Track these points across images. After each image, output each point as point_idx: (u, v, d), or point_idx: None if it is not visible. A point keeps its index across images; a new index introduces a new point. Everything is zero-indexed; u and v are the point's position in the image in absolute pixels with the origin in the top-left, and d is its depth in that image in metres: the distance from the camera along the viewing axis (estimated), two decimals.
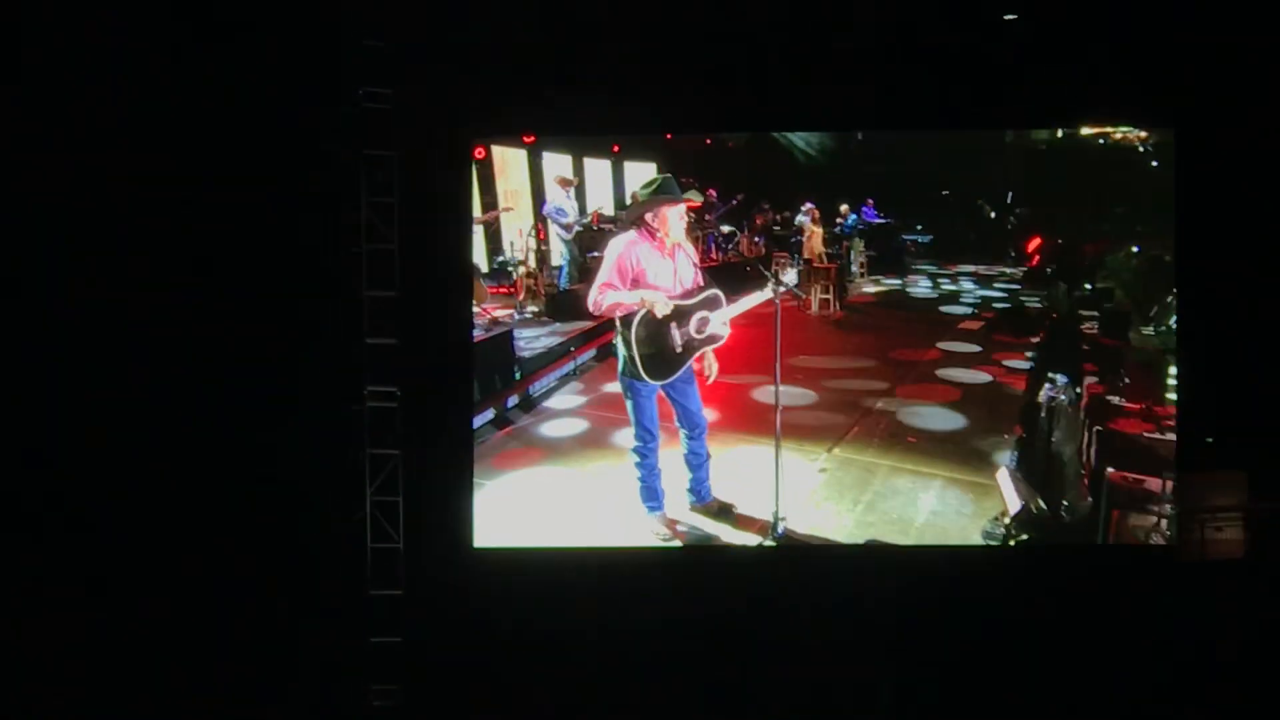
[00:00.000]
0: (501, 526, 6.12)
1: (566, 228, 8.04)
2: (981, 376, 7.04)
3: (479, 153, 6.91)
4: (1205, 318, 5.34)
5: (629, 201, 7.85)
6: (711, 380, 5.69)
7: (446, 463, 5.76)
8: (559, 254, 8.17)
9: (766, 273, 5.62)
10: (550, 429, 6.88)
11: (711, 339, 5.63)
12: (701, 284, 5.65)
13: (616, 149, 8.11)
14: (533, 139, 7.42)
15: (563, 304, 7.95)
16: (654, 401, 5.62)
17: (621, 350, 5.48)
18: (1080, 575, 5.39)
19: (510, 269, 7.86)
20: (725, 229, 5.81)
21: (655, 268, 5.51)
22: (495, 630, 5.47)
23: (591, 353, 7.53)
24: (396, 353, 5.60)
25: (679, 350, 5.50)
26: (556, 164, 8.03)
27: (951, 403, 6.86)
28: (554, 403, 7.16)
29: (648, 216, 5.51)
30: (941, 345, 7.38)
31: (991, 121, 6.04)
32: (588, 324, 7.37)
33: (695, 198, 5.73)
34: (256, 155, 5.37)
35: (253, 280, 5.41)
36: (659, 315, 5.38)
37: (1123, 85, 5.37)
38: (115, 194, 5.29)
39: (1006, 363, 7.02)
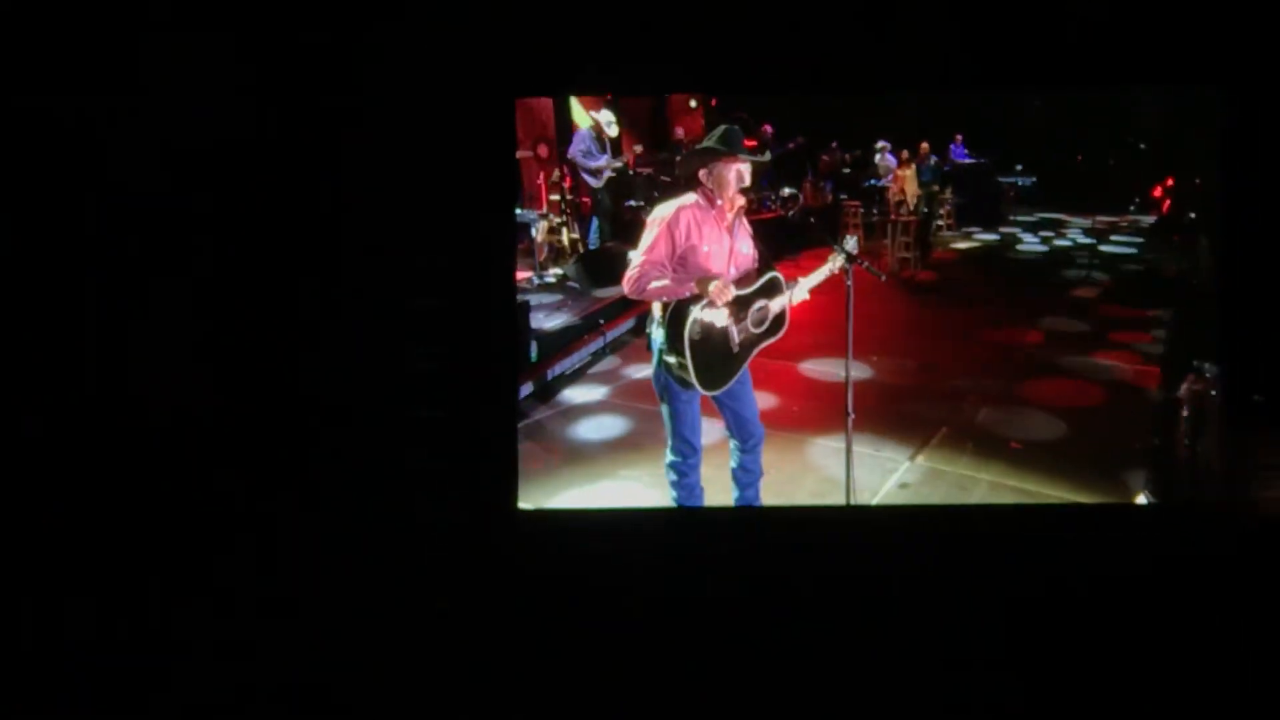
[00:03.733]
0: None
1: (596, 173, 7.03)
2: (1101, 363, 5.88)
3: None
4: (1253, 276, 4.94)
5: (671, 139, 7.07)
6: None
7: (490, 423, 5.27)
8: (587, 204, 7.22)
9: (833, 241, 4.58)
10: (575, 425, 5.95)
11: (770, 332, 4.65)
12: (759, 265, 4.65)
13: None
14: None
15: (592, 266, 6.91)
16: (697, 406, 4.64)
17: (665, 352, 4.50)
18: None
19: (530, 223, 6.79)
20: (785, 191, 4.73)
21: (710, 243, 4.50)
22: (539, 591, 5.06)
23: (627, 325, 6.52)
24: (440, 315, 5.17)
25: (736, 349, 4.54)
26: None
27: (1066, 397, 5.79)
28: (579, 391, 6.19)
29: (702, 174, 4.49)
30: (1049, 318, 6.18)
31: (1024, 81, 5.40)
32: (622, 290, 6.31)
33: (763, 155, 4.76)
34: (293, 117, 5.12)
35: (292, 247, 5.16)
36: (718, 307, 4.41)
37: (1168, 40, 4.93)
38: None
39: (1133, 344, 5.84)
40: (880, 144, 6.64)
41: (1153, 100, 6.02)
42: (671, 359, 4.47)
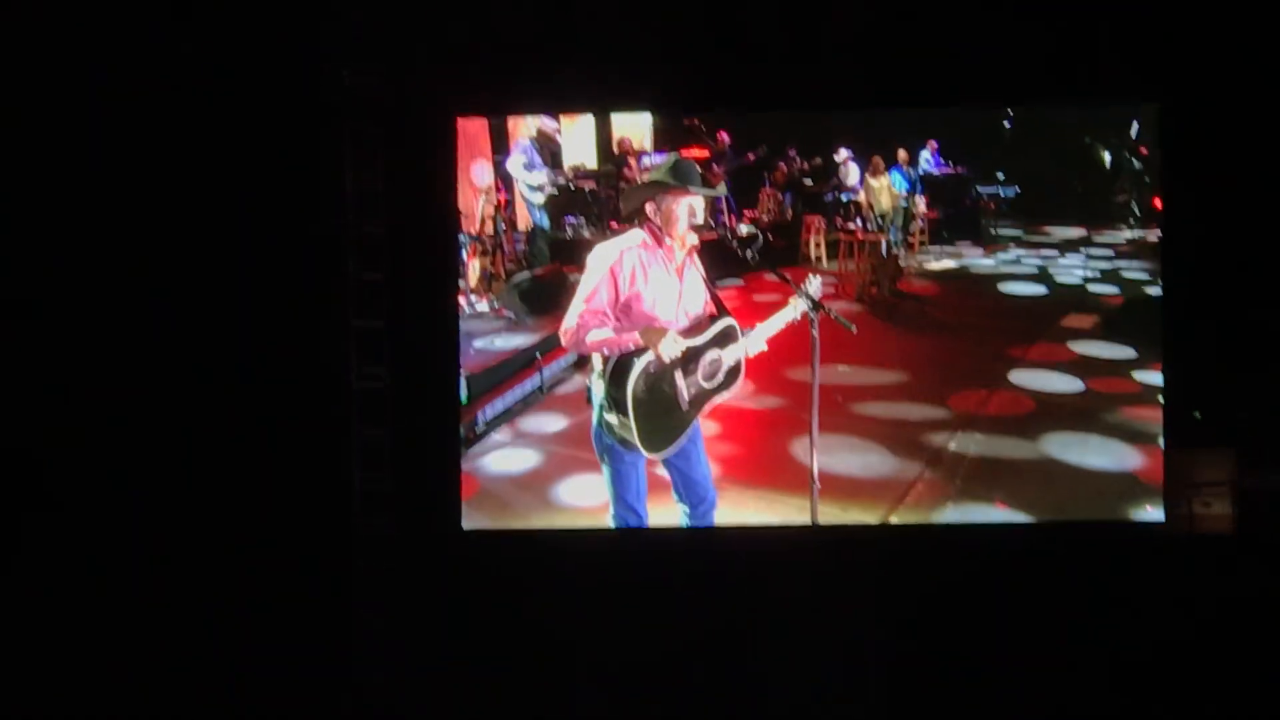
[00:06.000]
0: None
1: (537, 188, 6.44)
2: (1097, 402, 5.37)
3: None
4: (1193, 294, 5.19)
5: (615, 150, 6.47)
6: None
7: (433, 443, 5.44)
8: (524, 221, 6.54)
9: (792, 283, 4.17)
10: (507, 479, 5.43)
11: (724, 386, 4.25)
12: (713, 310, 4.23)
13: None
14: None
15: (529, 293, 6.26)
16: (643, 468, 4.26)
17: (605, 409, 4.13)
18: None
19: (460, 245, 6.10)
20: (744, 229, 4.32)
21: (657, 288, 4.11)
22: (484, 612, 5.25)
23: (566, 360, 5.92)
24: (384, 336, 5.33)
25: (685, 406, 4.13)
26: None
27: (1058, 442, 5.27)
28: (512, 439, 5.61)
29: (648, 209, 4.08)
30: (1043, 347, 5.67)
31: (963, 99, 5.49)
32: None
33: (717, 188, 4.62)
34: (238, 139, 5.27)
35: (238, 263, 5.32)
36: (666, 361, 4.01)
37: (1106, 58, 5.17)
38: (92, 176, 5.28)
39: (1139, 375, 5.35)
40: (842, 153, 6.02)
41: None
42: (612, 418, 4.09)
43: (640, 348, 4.00)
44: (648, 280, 4.05)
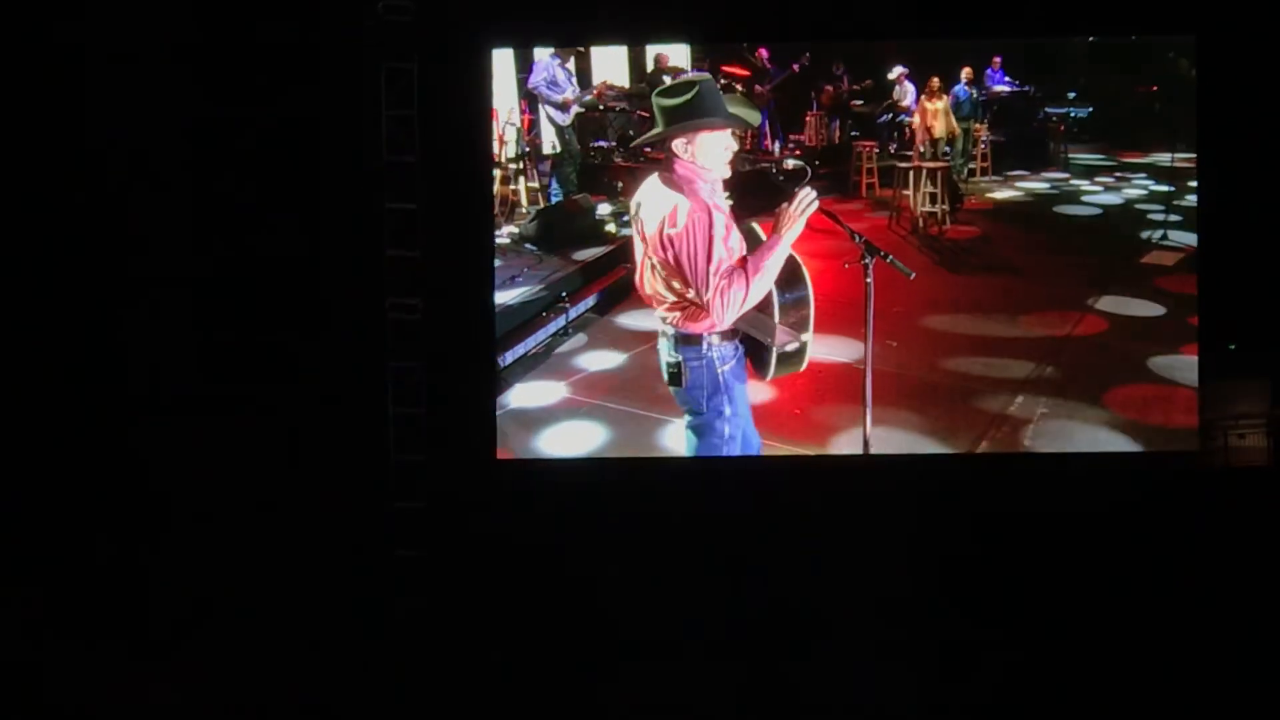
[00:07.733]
0: None
1: (562, 107, 6.14)
2: (1186, 360, 5.04)
3: None
4: (1228, 226, 5.11)
5: (651, 67, 6.26)
6: None
7: (468, 373, 5.37)
8: (550, 145, 6.29)
9: (843, 224, 3.59)
10: (535, 432, 5.17)
11: None
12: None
13: None
14: None
15: (554, 223, 5.97)
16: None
17: (792, 342, 3.62)
18: None
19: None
20: (789, 164, 3.82)
21: (729, 221, 3.67)
22: (519, 542, 5.15)
23: (590, 301, 5.64)
24: (419, 265, 5.23)
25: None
26: None
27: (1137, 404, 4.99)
28: (538, 386, 5.31)
29: (677, 146, 3.52)
30: (1112, 295, 5.30)
31: (997, 30, 5.34)
32: (592, 252, 5.80)
33: (748, 114, 3.76)
34: (273, 69, 5.27)
35: (272, 195, 5.33)
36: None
37: None
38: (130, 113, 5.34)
39: None
40: (896, 70, 5.69)
41: None
42: (791, 347, 3.61)
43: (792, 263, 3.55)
44: (721, 210, 3.58)
